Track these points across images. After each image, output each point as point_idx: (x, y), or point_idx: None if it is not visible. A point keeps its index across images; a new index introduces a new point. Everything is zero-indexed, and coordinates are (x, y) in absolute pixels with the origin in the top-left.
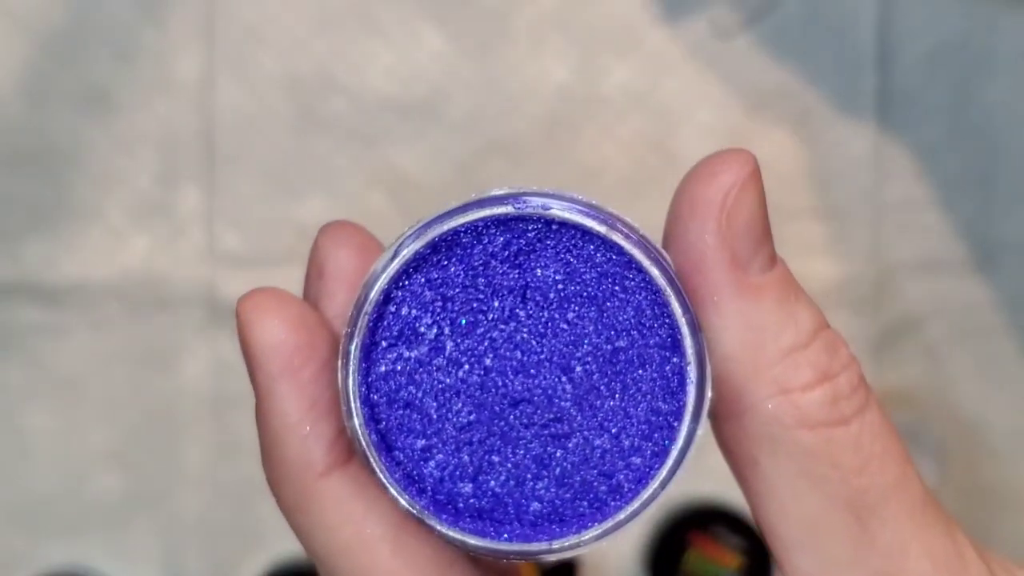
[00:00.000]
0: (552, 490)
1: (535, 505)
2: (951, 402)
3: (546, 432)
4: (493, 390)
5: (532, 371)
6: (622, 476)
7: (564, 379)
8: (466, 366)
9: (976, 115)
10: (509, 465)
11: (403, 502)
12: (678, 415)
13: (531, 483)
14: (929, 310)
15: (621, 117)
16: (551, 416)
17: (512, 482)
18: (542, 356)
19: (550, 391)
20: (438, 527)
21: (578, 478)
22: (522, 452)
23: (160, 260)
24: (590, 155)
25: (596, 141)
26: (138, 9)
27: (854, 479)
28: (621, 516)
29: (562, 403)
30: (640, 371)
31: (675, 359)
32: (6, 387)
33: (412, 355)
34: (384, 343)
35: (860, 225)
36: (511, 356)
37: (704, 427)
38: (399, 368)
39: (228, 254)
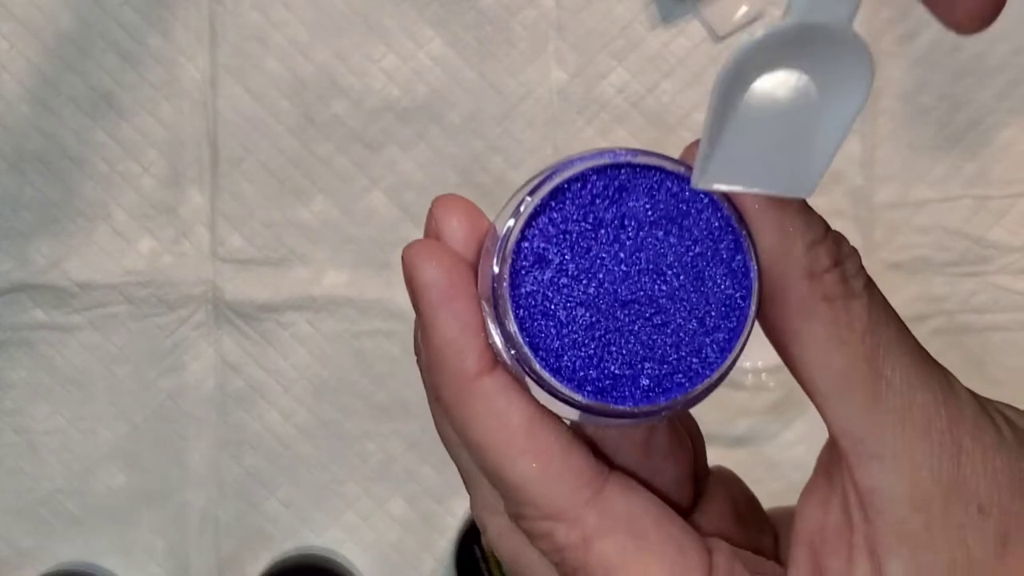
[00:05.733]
0: (657, 367)
1: (644, 381)
2: None
3: (649, 324)
4: (606, 296)
5: (634, 279)
6: (708, 350)
7: (659, 281)
8: (584, 281)
9: (968, 116)
10: (624, 352)
11: (555, 384)
12: (747, 296)
13: (640, 364)
14: (922, 311)
15: (620, 119)
16: (652, 311)
17: (627, 365)
18: (641, 266)
19: (649, 292)
20: (577, 398)
21: (674, 356)
22: (633, 340)
23: (165, 261)
24: None
25: (595, 143)
26: (143, 14)
27: (868, 338)
28: (714, 377)
29: (659, 300)
30: (714, 268)
31: (739, 257)
32: (13, 386)
33: (544, 277)
34: (523, 270)
35: (853, 226)
36: (617, 269)
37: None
38: (537, 288)
39: (231, 255)
